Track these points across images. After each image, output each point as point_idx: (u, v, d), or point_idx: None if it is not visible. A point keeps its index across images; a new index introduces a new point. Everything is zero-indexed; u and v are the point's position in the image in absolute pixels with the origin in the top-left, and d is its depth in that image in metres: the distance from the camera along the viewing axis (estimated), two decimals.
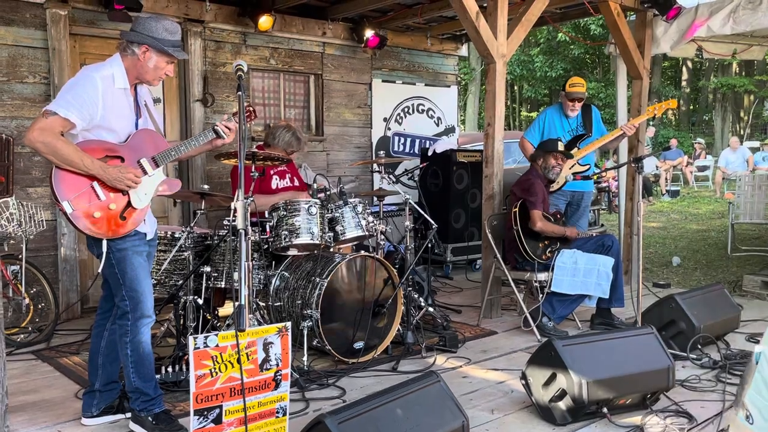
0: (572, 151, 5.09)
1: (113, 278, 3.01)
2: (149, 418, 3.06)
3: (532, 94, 26.15)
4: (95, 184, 2.85)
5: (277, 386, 2.47)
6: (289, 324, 2.51)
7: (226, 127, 3.23)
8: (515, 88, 28.37)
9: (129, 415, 3.19)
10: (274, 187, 4.80)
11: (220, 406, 2.35)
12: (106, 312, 3.21)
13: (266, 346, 2.41)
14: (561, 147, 4.85)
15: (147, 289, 3.02)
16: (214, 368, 2.29)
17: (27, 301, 4.63)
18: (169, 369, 3.68)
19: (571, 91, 5.31)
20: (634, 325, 4.40)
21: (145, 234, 3.09)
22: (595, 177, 5.93)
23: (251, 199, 3.73)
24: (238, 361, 2.27)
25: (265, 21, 5.95)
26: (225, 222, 3.86)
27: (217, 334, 2.31)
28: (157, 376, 3.36)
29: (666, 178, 16.10)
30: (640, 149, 6.27)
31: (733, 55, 7.26)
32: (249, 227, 3.71)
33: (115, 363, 3.20)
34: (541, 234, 4.67)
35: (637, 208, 4.75)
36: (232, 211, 2.42)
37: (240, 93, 2.67)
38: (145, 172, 2.98)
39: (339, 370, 3.95)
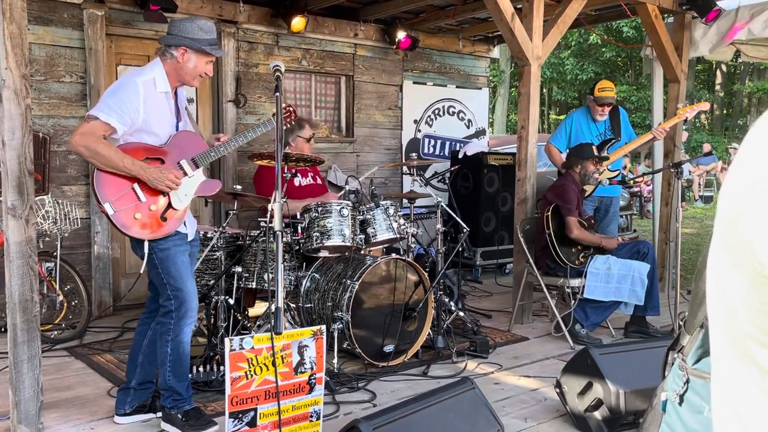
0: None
1: (157, 278, 3.04)
2: (179, 415, 3.07)
3: (561, 97, 25.89)
4: (136, 185, 2.88)
5: (311, 390, 2.45)
6: (323, 327, 2.49)
7: None
8: (544, 90, 28.10)
9: (160, 414, 3.20)
10: (296, 184, 4.80)
11: (255, 409, 2.33)
12: (152, 312, 3.23)
13: (301, 349, 2.39)
14: (596, 152, 4.77)
15: (191, 289, 3.04)
16: (250, 371, 2.27)
17: (61, 298, 4.68)
18: (200, 369, 3.69)
19: (600, 96, 5.21)
20: (670, 333, 4.30)
21: (186, 234, 3.11)
22: (632, 182, 5.82)
23: (284, 200, 3.74)
24: (273, 364, 2.25)
25: (298, 22, 5.96)
26: (262, 223, 3.86)
27: (252, 336, 2.30)
28: (190, 376, 3.37)
29: (699, 184, 15.82)
30: (677, 154, 6.15)
31: None
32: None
33: (154, 363, 3.22)
34: (577, 241, 4.59)
35: (675, 214, 4.64)
36: (269, 213, 2.40)
37: (278, 94, 2.66)
38: (185, 173, 3.00)
39: (369, 374, 3.93)
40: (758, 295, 0.80)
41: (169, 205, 2.93)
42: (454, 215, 4.65)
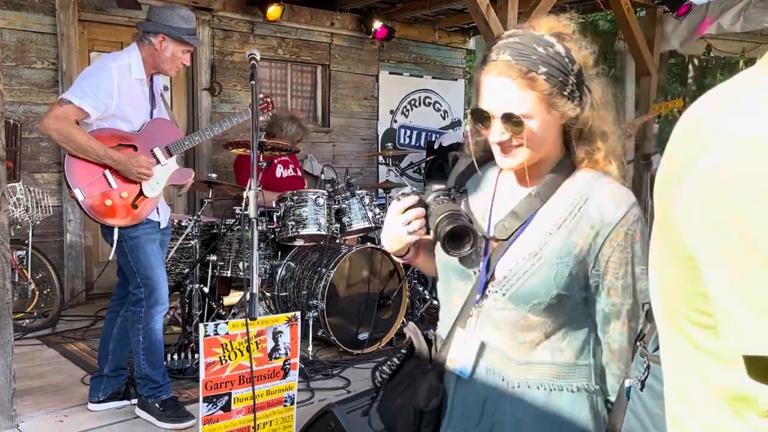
0: None
1: (127, 266, 3.03)
2: (156, 405, 3.08)
3: None
4: (107, 172, 2.86)
5: (285, 375, 2.48)
6: (298, 314, 2.51)
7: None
8: None
9: (135, 401, 3.20)
10: (278, 175, 4.81)
11: (229, 394, 2.36)
12: (121, 298, 3.23)
13: (276, 335, 2.42)
14: None
15: (161, 277, 3.04)
16: (224, 356, 2.29)
17: (32, 286, 4.64)
18: (175, 356, 3.69)
19: None
20: None
21: (159, 222, 3.10)
22: None
23: (259, 188, 3.75)
24: (248, 349, 2.28)
25: (273, 10, 5.93)
26: (237, 211, 3.87)
27: (227, 322, 2.32)
28: (165, 364, 3.37)
29: None
30: (647, 146, 6.26)
31: (741, 53, 7.23)
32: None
33: (126, 350, 3.22)
34: None
35: (645, 206, 4.74)
36: (244, 201, 2.41)
37: (253, 82, 2.67)
38: (158, 161, 3.00)
39: (343, 361, 3.97)
40: (685, 275, 0.85)
41: (141, 193, 2.92)
42: None
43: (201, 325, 2.27)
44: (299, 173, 5.00)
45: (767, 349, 0.74)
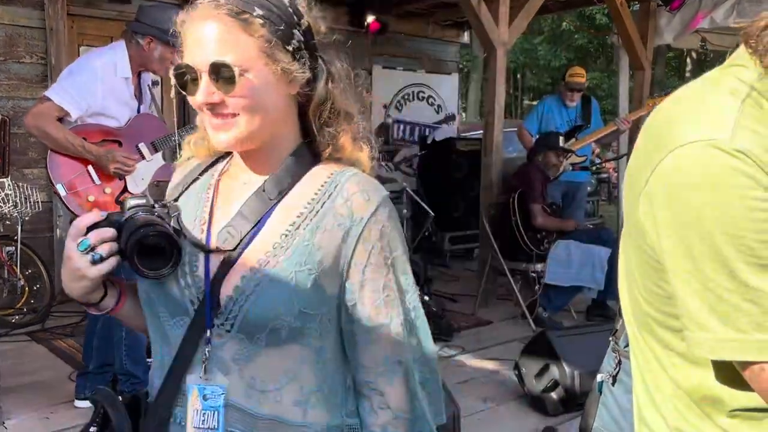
0: (570, 142, 5.06)
1: None
2: None
3: (535, 83, 26.02)
4: (90, 167, 2.85)
5: None
6: None
7: None
8: (518, 76, 28.24)
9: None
10: None
11: None
12: None
13: None
14: (562, 142, 4.83)
15: None
16: None
17: (22, 282, 4.63)
18: None
19: (570, 81, 5.29)
20: None
21: None
22: (594, 168, 5.91)
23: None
24: None
25: None
26: None
27: None
28: (148, 360, 3.36)
29: None
30: None
31: (736, 47, 7.19)
32: None
33: (110, 346, 3.19)
34: (542, 228, 4.65)
35: None
36: None
37: None
38: (143, 157, 2.98)
39: None
40: (649, 276, 0.85)
41: (125, 189, 2.90)
42: (419, 200, 4.68)
43: None
44: None
45: (728, 355, 0.74)
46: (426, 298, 4.83)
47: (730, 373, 0.78)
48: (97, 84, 2.81)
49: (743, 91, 0.78)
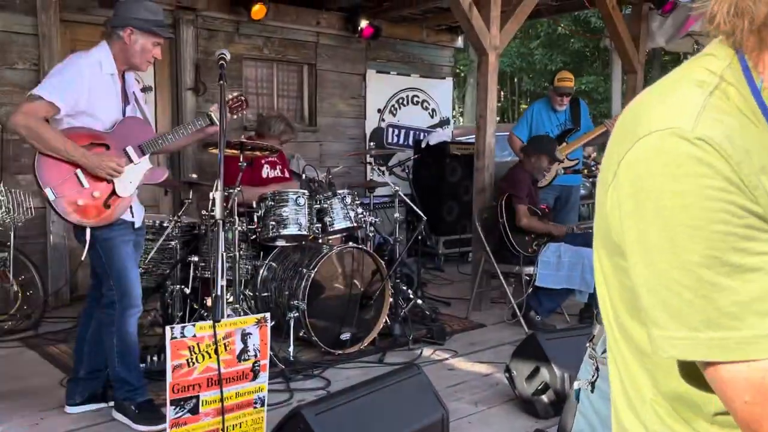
0: (560, 146, 5.08)
1: (100, 267, 3.01)
2: (132, 407, 3.06)
3: (531, 87, 26.05)
4: (79, 171, 2.84)
5: (255, 377, 2.47)
6: (268, 315, 2.50)
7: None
8: (515, 80, 28.28)
9: (112, 403, 3.19)
10: (264, 176, 4.79)
11: (197, 397, 2.35)
12: (95, 300, 3.21)
13: (244, 336, 2.41)
14: (557, 152, 4.85)
15: (134, 279, 3.02)
16: (191, 358, 2.28)
17: (15, 288, 4.62)
18: (155, 358, 3.68)
19: (559, 86, 5.31)
20: None
21: (133, 223, 3.09)
22: (585, 171, 5.93)
23: (239, 189, 3.74)
24: (216, 351, 2.26)
25: (258, 9, 5.91)
26: (203, 213, 3.86)
27: (194, 324, 2.31)
28: (142, 366, 3.36)
29: None
30: None
31: None
32: (236, 217, 3.73)
33: (101, 352, 3.20)
34: (527, 229, 4.66)
35: None
36: (210, 202, 2.40)
37: (222, 83, 2.64)
38: (130, 160, 2.98)
39: (325, 361, 3.95)
40: (617, 274, 0.84)
41: (114, 192, 2.90)
42: (411, 204, 4.69)
43: (167, 328, 2.26)
44: (286, 174, 4.98)
45: (679, 353, 0.73)
46: (419, 301, 4.84)
47: (694, 374, 0.77)
48: (84, 81, 2.82)
49: (711, 81, 0.77)
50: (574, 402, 1.43)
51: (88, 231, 2.89)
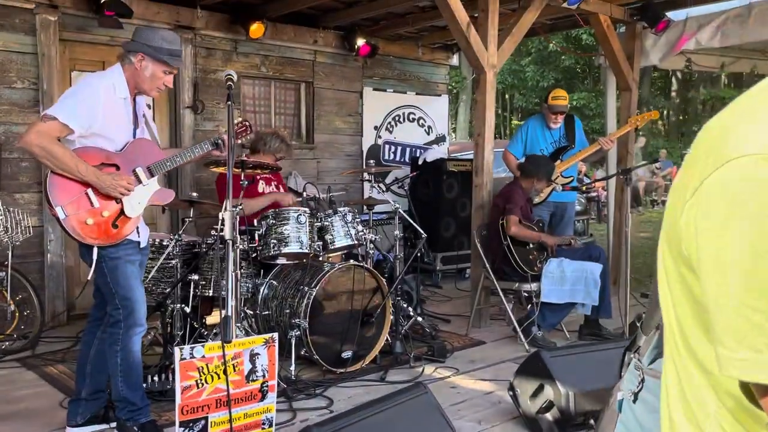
0: (555, 163, 5.13)
1: (105, 287, 3.00)
2: (135, 428, 3.03)
3: (523, 104, 26.23)
4: (89, 191, 2.86)
5: (263, 397, 2.46)
6: (276, 335, 2.50)
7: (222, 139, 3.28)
8: (506, 97, 28.47)
9: (114, 425, 3.16)
10: (260, 190, 4.80)
11: (206, 418, 2.33)
12: (97, 320, 3.19)
13: (253, 357, 2.40)
14: (554, 173, 4.91)
15: (140, 298, 3.02)
16: (200, 379, 2.27)
17: (12, 307, 4.58)
18: (156, 378, 3.65)
19: (553, 104, 5.35)
20: (621, 336, 4.41)
21: (138, 243, 3.09)
22: (584, 188, 5.96)
23: (241, 206, 3.74)
24: (225, 372, 2.26)
25: (256, 28, 5.95)
26: (212, 231, 3.85)
27: (203, 345, 2.30)
28: (145, 386, 3.33)
29: (645, 190, 16.26)
30: (629, 160, 6.31)
31: (721, 67, 7.32)
32: (237, 236, 3.73)
33: (103, 372, 3.18)
34: (516, 238, 4.66)
35: (625, 220, 4.77)
36: (219, 221, 2.41)
37: (230, 103, 2.66)
38: (139, 181, 3.00)
39: (327, 380, 3.94)
40: (680, 281, 0.84)
41: (122, 212, 2.91)
42: (411, 221, 4.70)
43: (177, 349, 2.25)
44: (282, 189, 4.99)
45: (737, 373, 0.72)
46: (419, 319, 4.83)
47: (754, 390, 0.76)
48: (99, 103, 2.85)
49: None
50: (615, 412, 1.42)
51: (95, 250, 2.88)
